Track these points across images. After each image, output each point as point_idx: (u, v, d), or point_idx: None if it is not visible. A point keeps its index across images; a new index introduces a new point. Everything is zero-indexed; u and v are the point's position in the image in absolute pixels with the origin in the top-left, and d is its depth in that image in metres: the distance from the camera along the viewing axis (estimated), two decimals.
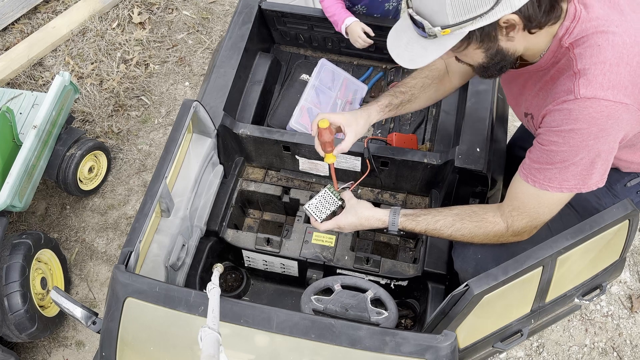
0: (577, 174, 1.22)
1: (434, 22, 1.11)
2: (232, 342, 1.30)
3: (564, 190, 1.25)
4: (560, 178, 1.23)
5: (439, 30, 1.11)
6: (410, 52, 1.20)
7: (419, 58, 1.19)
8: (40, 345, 2.41)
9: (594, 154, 1.19)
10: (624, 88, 1.11)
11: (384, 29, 2.04)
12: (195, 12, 3.46)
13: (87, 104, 3.04)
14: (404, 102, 1.64)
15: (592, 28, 1.14)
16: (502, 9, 1.06)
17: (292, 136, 1.81)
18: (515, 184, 1.34)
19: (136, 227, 1.44)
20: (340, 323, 1.26)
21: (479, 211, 1.43)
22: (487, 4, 1.06)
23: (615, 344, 2.34)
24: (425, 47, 1.17)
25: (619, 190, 1.51)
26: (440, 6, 1.08)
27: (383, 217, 1.52)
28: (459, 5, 1.07)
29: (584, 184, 1.23)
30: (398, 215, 1.50)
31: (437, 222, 1.46)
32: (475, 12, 1.07)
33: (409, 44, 1.20)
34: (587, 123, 1.14)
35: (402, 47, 1.22)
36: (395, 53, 1.24)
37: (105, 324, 1.35)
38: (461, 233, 1.44)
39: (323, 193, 1.65)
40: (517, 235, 1.39)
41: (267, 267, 1.99)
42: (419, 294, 1.89)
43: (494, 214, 1.40)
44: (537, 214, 1.32)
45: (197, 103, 1.65)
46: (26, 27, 3.37)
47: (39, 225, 2.71)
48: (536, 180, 1.26)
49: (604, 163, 1.22)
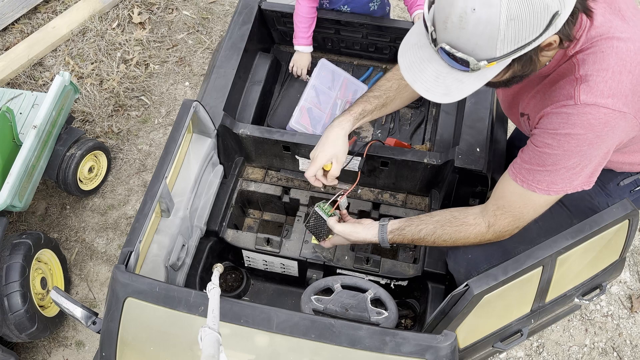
0: (566, 178, 1.21)
1: (479, 56, 1.03)
2: (232, 342, 1.30)
3: (551, 192, 1.24)
4: (549, 180, 1.23)
5: (485, 64, 1.03)
6: (442, 87, 1.11)
7: (455, 92, 1.11)
8: (40, 345, 2.41)
9: (587, 160, 1.19)
10: (624, 97, 1.11)
11: (384, 29, 2.05)
12: (195, 12, 3.46)
13: (87, 104, 3.04)
14: (378, 106, 1.62)
15: (597, 36, 1.13)
16: (549, 33, 1.02)
17: (292, 136, 1.81)
18: (503, 182, 1.34)
19: (136, 227, 1.44)
20: (340, 323, 1.26)
21: (459, 215, 1.44)
22: (537, 30, 1.01)
23: (615, 344, 2.34)
24: (460, 80, 1.09)
25: (612, 189, 1.51)
26: (489, 40, 1.00)
27: (372, 239, 1.55)
28: (511, 36, 1.00)
29: (570, 185, 1.23)
30: (386, 233, 1.53)
31: (420, 231, 1.48)
32: (525, 41, 1.01)
33: (439, 78, 1.10)
34: (584, 129, 1.13)
35: (430, 81, 1.11)
36: (423, 88, 1.13)
37: (105, 324, 1.35)
38: (443, 239, 1.45)
39: (314, 213, 1.66)
40: (499, 235, 1.39)
41: (267, 267, 1.99)
42: (419, 294, 1.89)
43: (474, 217, 1.40)
44: (522, 214, 1.32)
45: (197, 103, 1.65)
46: (26, 27, 3.37)
47: (39, 225, 2.71)
48: (524, 181, 1.26)
49: (595, 168, 1.22)
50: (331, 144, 1.57)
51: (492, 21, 0.98)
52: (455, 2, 1.00)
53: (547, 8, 0.98)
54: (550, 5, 0.98)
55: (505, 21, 0.98)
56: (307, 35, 2.08)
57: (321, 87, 2.06)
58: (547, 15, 0.99)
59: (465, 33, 1.01)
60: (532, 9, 0.98)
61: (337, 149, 1.57)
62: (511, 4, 0.97)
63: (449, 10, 1.01)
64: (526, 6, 0.97)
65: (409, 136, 2.09)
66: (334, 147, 1.57)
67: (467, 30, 1.01)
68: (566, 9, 1.01)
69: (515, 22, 0.98)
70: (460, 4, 0.99)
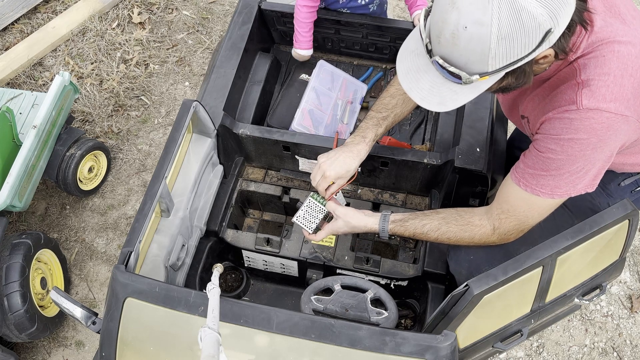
0: (569, 182, 1.22)
1: (471, 70, 1.04)
2: (232, 342, 1.30)
3: (555, 196, 1.25)
4: (552, 185, 1.23)
5: (477, 77, 1.04)
6: (437, 96, 1.12)
7: (449, 102, 1.12)
8: (40, 345, 2.41)
9: (590, 164, 1.19)
10: (626, 100, 1.11)
11: (384, 29, 2.05)
12: (195, 12, 3.46)
13: (87, 104, 3.04)
14: (388, 126, 1.64)
15: (598, 41, 1.13)
16: (542, 48, 1.02)
17: (292, 136, 1.81)
18: (506, 186, 1.34)
19: (136, 227, 1.44)
20: (340, 323, 1.26)
21: (465, 215, 1.44)
22: (529, 47, 1.01)
23: (615, 344, 2.34)
24: (455, 91, 1.11)
25: (612, 189, 1.51)
26: (481, 56, 1.01)
27: (373, 226, 1.54)
28: (503, 53, 1.00)
29: (574, 188, 1.23)
30: (387, 223, 1.52)
31: (424, 226, 1.47)
32: (517, 57, 1.02)
33: (434, 87, 1.12)
34: (587, 133, 1.13)
35: (425, 90, 1.13)
36: (418, 96, 1.15)
37: (105, 324, 1.35)
38: (447, 236, 1.45)
39: (308, 202, 1.65)
40: (503, 238, 1.39)
41: (267, 267, 1.99)
42: (419, 294, 1.89)
43: (480, 217, 1.41)
44: (526, 217, 1.33)
45: (197, 103, 1.65)
46: (26, 27, 3.37)
47: (39, 225, 2.71)
48: (528, 185, 1.26)
49: (598, 172, 1.22)
50: (344, 168, 1.56)
51: (483, 39, 0.98)
52: (447, 19, 1.00)
53: (539, 26, 0.98)
54: (542, 24, 0.98)
55: (496, 40, 0.98)
56: (307, 39, 2.07)
57: (321, 89, 2.06)
58: (539, 33, 0.99)
59: (457, 49, 1.02)
60: (523, 28, 0.98)
61: (348, 173, 1.58)
62: (502, 23, 0.97)
63: (442, 26, 1.02)
64: (517, 25, 0.97)
65: (409, 136, 2.09)
66: (346, 170, 1.57)
67: (459, 46, 1.01)
68: (560, 25, 1.01)
69: (507, 41, 0.99)
70: (453, 22, 1.00)
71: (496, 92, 1.21)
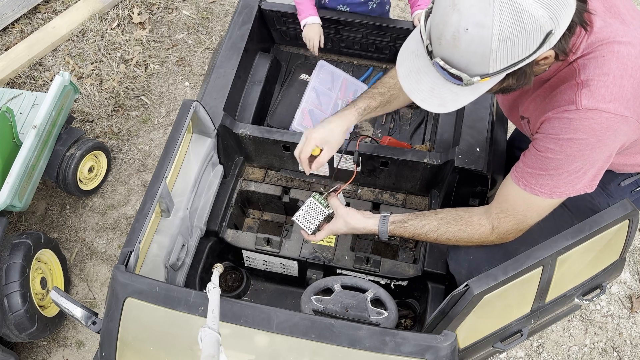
0: (568, 182, 1.22)
1: (472, 72, 1.04)
2: (232, 342, 1.30)
3: (554, 196, 1.25)
4: (552, 184, 1.23)
5: (478, 79, 1.04)
6: (438, 98, 1.12)
7: (449, 103, 1.12)
8: (40, 345, 2.41)
9: (589, 164, 1.19)
10: (626, 101, 1.11)
11: (384, 29, 2.04)
12: (195, 12, 3.46)
13: (87, 104, 3.04)
14: (382, 103, 1.61)
15: (597, 41, 1.13)
16: (543, 49, 1.02)
17: (292, 136, 1.81)
18: (506, 186, 1.34)
19: (136, 227, 1.44)
20: (340, 323, 1.26)
21: (464, 215, 1.44)
22: (530, 49, 1.01)
23: (615, 344, 2.34)
24: (455, 92, 1.10)
25: (612, 189, 1.51)
26: (482, 58, 1.01)
27: (372, 227, 1.54)
28: (504, 55, 1.00)
29: (573, 188, 1.24)
30: (387, 224, 1.52)
31: (423, 226, 1.47)
32: (518, 58, 1.02)
33: (434, 89, 1.12)
34: (586, 134, 1.14)
35: (426, 91, 1.13)
36: (419, 98, 1.15)
37: (105, 324, 1.35)
38: (446, 237, 1.45)
39: (309, 202, 1.64)
40: (502, 238, 1.39)
41: (267, 267, 1.99)
42: (419, 294, 1.89)
43: (479, 217, 1.41)
44: (525, 217, 1.33)
45: (197, 103, 1.65)
46: (26, 27, 3.37)
47: (39, 225, 2.71)
48: (527, 185, 1.26)
49: (598, 172, 1.23)
50: (329, 131, 1.55)
51: (484, 41, 0.98)
52: (448, 21, 1.00)
53: (540, 28, 0.98)
54: (543, 25, 0.98)
55: (497, 42, 0.98)
56: (311, 6, 2.02)
57: (321, 89, 2.06)
58: (540, 35, 0.99)
59: (458, 51, 1.02)
60: (524, 29, 0.98)
61: (332, 137, 1.55)
62: (503, 24, 0.97)
63: (443, 28, 1.02)
64: (518, 27, 0.97)
65: (409, 136, 2.09)
66: (330, 134, 1.55)
67: (460, 48, 1.01)
68: (560, 27, 1.01)
69: (508, 42, 0.99)
70: (454, 24, 1.00)
71: (497, 93, 1.21)
